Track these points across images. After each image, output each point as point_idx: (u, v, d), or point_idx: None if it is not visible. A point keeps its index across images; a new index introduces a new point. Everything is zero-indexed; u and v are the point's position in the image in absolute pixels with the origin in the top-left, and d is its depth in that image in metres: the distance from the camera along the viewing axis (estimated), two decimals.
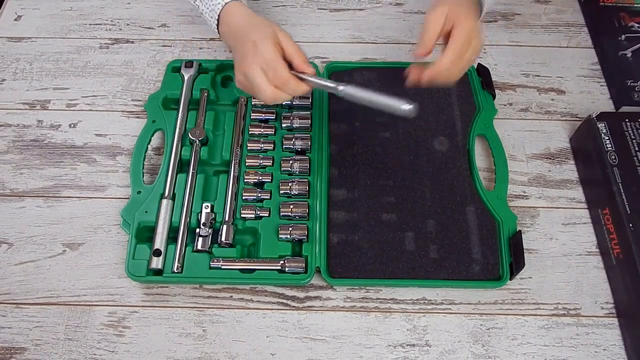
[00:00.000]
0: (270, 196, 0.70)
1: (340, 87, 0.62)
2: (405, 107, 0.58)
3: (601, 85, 0.83)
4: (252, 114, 0.76)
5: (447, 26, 0.62)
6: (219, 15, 0.69)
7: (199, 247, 0.66)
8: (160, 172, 0.71)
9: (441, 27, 0.62)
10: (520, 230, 0.67)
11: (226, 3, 0.68)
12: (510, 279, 0.66)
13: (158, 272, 0.65)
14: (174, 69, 0.80)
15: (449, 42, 0.62)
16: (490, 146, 0.74)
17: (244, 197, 0.70)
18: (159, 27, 0.89)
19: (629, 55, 0.84)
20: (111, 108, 0.80)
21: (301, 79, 0.62)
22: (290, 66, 0.63)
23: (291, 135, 0.74)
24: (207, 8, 0.70)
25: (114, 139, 0.77)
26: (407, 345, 0.63)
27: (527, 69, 0.85)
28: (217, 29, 0.70)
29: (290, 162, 0.71)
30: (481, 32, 0.63)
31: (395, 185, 0.71)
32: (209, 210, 0.68)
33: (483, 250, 0.66)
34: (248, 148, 0.73)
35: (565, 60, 0.86)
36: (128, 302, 0.66)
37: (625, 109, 0.78)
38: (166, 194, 0.69)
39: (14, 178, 0.74)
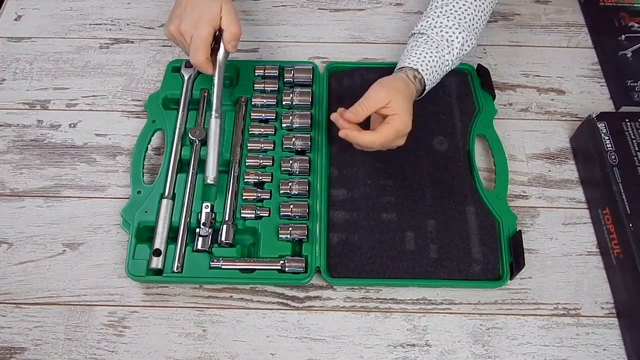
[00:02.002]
0: (270, 196, 0.70)
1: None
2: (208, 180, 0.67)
3: (601, 85, 0.83)
4: (252, 114, 0.76)
5: (384, 111, 0.63)
6: None
7: (199, 247, 0.66)
8: (160, 172, 0.71)
9: (379, 108, 0.63)
10: (520, 230, 0.67)
11: None
12: (510, 279, 0.66)
13: (158, 272, 0.65)
14: (174, 69, 0.80)
15: (382, 128, 0.62)
16: (490, 146, 0.74)
17: (244, 197, 0.70)
18: (159, 27, 0.89)
19: (629, 55, 0.84)
20: (111, 108, 0.80)
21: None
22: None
23: (291, 135, 0.74)
24: None
25: (114, 139, 0.77)
26: (407, 345, 0.63)
27: (527, 69, 0.85)
28: None
29: (290, 162, 0.71)
30: (409, 124, 0.63)
31: (395, 185, 0.71)
32: (209, 210, 0.68)
33: (483, 250, 0.66)
34: (248, 148, 0.73)
35: (565, 60, 0.86)
36: (128, 302, 0.66)
37: (625, 109, 0.78)
38: (166, 193, 0.69)
39: (14, 178, 0.74)
